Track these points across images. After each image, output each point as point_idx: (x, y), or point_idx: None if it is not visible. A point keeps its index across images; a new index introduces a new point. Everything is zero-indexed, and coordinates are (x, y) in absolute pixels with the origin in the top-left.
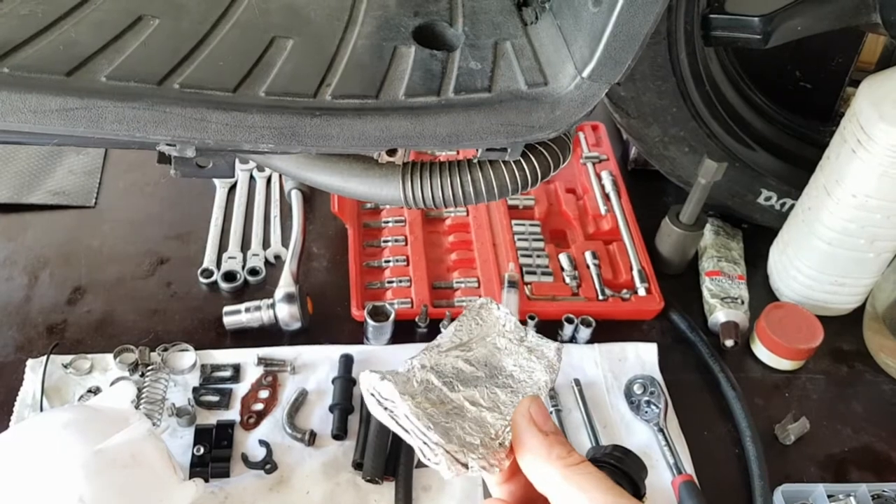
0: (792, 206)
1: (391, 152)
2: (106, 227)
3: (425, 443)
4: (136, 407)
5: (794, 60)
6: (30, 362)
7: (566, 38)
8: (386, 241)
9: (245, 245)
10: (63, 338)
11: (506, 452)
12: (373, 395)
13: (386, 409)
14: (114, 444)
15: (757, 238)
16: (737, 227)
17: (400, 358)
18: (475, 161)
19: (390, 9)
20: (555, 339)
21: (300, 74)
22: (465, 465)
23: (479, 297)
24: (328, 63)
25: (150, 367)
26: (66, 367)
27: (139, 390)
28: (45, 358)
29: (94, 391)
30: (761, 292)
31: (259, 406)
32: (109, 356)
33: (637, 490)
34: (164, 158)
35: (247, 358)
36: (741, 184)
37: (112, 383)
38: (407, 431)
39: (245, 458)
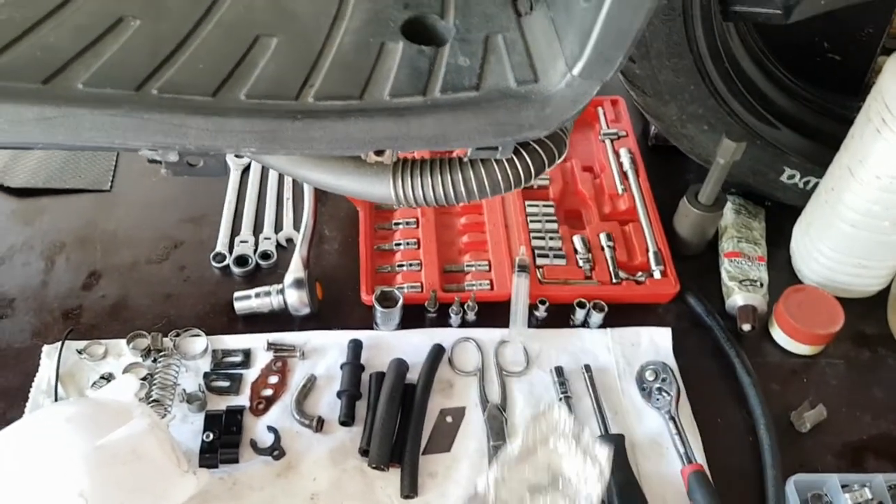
0: (816, 185)
1: (379, 152)
2: (121, 211)
3: None
4: (148, 393)
5: (822, 31)
6: (45, 348)
7: (558, 33)
8: (397, 224)
9: (258, 228)
10: (78, 323)
11: None
12: None
13: None
14: (115, 440)
15: (782, 216)
16: (759, 205)
17: (409, 343)
18: (466, 160)
19: (381, 0)
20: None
21: (283, 75)
22: None
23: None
24: (313, 62)
25: (162, 353)
26: (80, 352)
27: (151, 376)
28: (60, 344)
29: (108, 377)
30: (783, 273)
31: (268, 392)
32: (123, 342)
33: None
34: (154, 160)
35: (257, 343)
36: (763, 162)
37: (125, 370)
38: None
39: (254, 445)
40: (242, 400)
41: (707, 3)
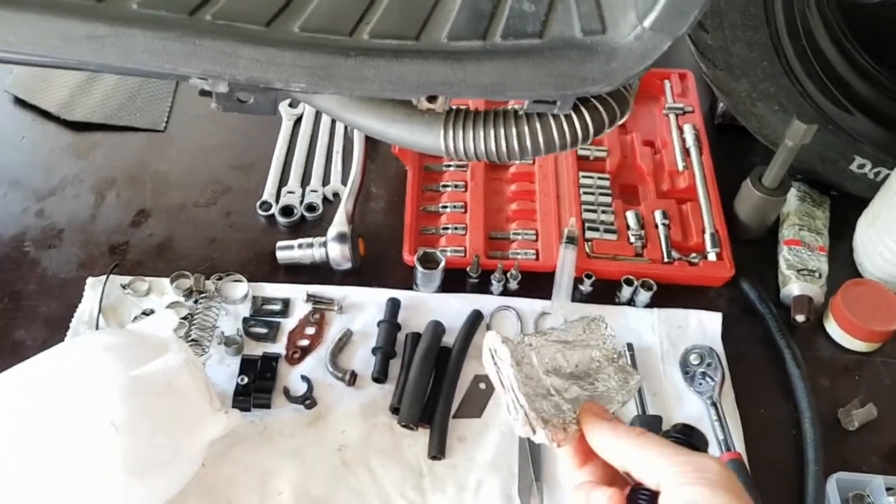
0: (887, 176)
1: (431, 99)
2: (173, 153)
3: (515, 400)
4: (188, 332)
5: None
6: (90, 280)
7: None
8: (445, 186)
9: (305, 180)
10: (124, 259)
11: (565, 437)
12: (490, 351)
13: (496, 364)
14: (150, 372)
15: (847, 207)
16: (825, 194)
17: (448, 306)
18: (522, 113)
19: None
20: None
21: (339, 10)
22: (534, 431)
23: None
24: None
25: (203, 295)
26: (124, 287)
27: (191, 316)
28: (104, 277)
29: (148, 313)
30: (844, 267)
31: (305, 342)
32: (166, 280)
33: None
34: (205, 91)
35: (297, 294)
36: (833, 148)
37: (167, 307)
38: (503, 386)
39: (287, 392)
40: (279, 348)
41: None
